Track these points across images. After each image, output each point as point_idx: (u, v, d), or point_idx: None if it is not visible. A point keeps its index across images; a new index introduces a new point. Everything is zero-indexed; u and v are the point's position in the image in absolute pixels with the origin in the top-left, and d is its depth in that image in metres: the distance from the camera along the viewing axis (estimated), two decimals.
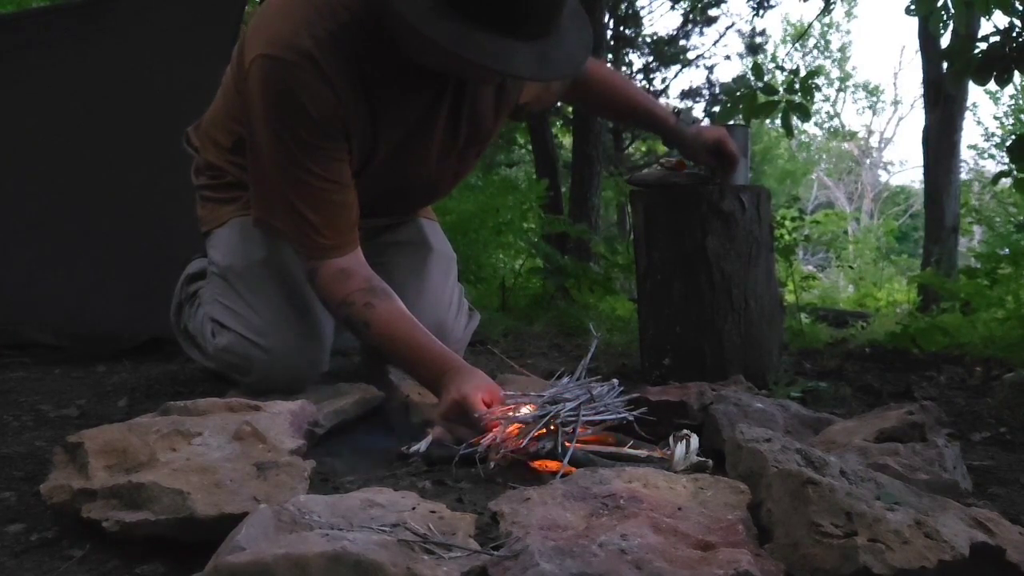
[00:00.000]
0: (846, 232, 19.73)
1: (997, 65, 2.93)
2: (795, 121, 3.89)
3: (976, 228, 10.87)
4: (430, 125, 1.61)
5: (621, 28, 12.43)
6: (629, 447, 1.36)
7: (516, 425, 1.28)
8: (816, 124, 25.96)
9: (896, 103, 31.19)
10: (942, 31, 3.19)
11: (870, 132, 27.27)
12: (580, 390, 1.36)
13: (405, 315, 1.51)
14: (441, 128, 1.63)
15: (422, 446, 1.31)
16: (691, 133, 1.99)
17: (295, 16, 1.44)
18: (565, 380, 1.43)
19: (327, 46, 1.41)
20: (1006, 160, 3.11)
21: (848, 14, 26.23)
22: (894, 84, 43.01)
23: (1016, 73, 2.95)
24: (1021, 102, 19.69)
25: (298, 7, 1.45)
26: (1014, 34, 2.91)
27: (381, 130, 1.56)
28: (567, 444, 1.24)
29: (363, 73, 1.48)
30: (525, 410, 1.32)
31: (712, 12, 12.35)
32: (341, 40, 1.42)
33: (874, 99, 27.19)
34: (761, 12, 11.90)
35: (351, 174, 1.55)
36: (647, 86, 12.97)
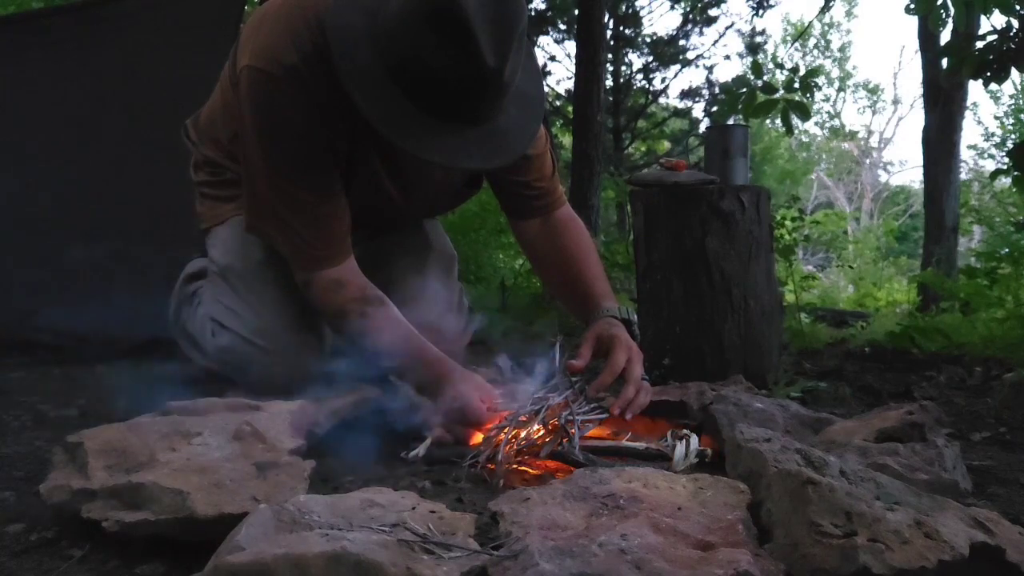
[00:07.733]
0: (846, 232, 19.73)
1: (994, 63, 2.94)
2: (795, 120, 3.89)
3: (976, 228, 10.88)
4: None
5: (621, 28, 12.45)
6: (627, 439, 1.36)
7: (515, 431, 1.28)
8: (816, 124, 25.99)
9: (896, 103, 31.12)
10: (941, 29, 3.20)
11: (870, 132, 27.31)
12: (566, 388, 1.37)
13: (401, 322, 1.50)
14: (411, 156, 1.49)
15: (421, 450, 1.31)
16: (599, 326, 1.59)
17: (285, 27, 1.43)
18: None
19: (313, 60, 1.40)
20: (1005, 160, 3.11)
21: (848, 14, 26.28)
22: (894, 84, 42.98)
23: (1013, 71, 2.95)
24: (1021, 102, 19.68)
25: (289, 17, 1.44)
26: (1011, 33, 2.91)
27: (359, 146, 1.55)
28: (567, 440, 1.24)
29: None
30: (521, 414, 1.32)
31: (712, 12, 12.37)
32: (328, 54, 1.38)
33: (874, 99, 27.21)
34: (761, 12, 11.92)
35: (340, 184, 1.54)
36: (647, 86, 13.00)
